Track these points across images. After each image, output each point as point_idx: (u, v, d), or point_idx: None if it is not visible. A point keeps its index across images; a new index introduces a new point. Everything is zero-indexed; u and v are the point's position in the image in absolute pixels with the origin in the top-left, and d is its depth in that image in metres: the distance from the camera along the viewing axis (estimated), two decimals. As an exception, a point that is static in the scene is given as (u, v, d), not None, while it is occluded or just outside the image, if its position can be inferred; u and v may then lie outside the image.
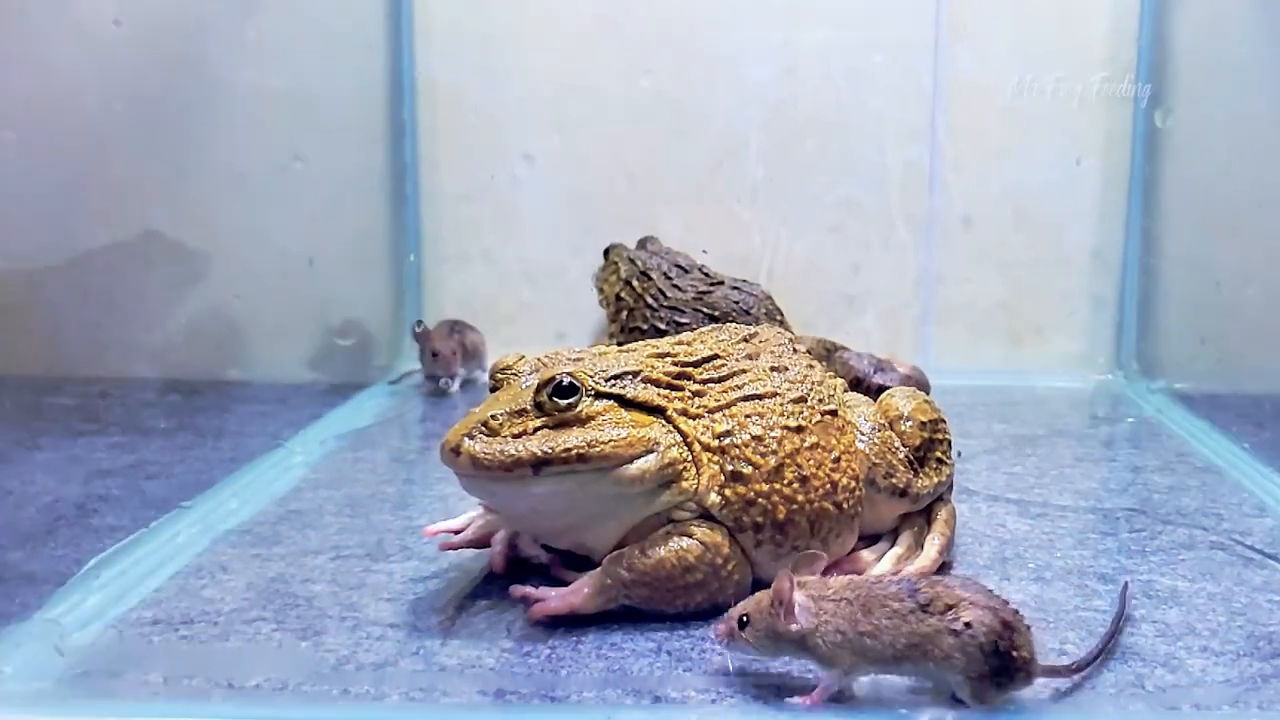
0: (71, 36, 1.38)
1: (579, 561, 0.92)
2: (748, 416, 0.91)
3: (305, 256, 1.64)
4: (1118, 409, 1.66)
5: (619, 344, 1.34)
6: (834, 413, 0.96)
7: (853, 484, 0.94)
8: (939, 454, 1.01)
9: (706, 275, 1.51)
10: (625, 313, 1.50)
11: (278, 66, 1.60)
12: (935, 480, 1.00)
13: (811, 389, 0.96)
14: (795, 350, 1.02)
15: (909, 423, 1.00)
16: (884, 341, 1.77)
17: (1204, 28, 1.71)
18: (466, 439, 0.86)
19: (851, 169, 1.79)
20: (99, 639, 0.86)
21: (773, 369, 0.96)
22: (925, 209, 1.79)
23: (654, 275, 1.50)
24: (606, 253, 1.63)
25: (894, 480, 0.97)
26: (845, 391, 1.04)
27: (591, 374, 0.89)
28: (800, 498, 0.90)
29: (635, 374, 0.91)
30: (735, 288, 1.45)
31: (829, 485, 0.92)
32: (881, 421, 1.00)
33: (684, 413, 0.90)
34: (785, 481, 0.90)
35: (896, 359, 1.55)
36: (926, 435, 1.00)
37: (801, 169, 1.79)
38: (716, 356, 0.96)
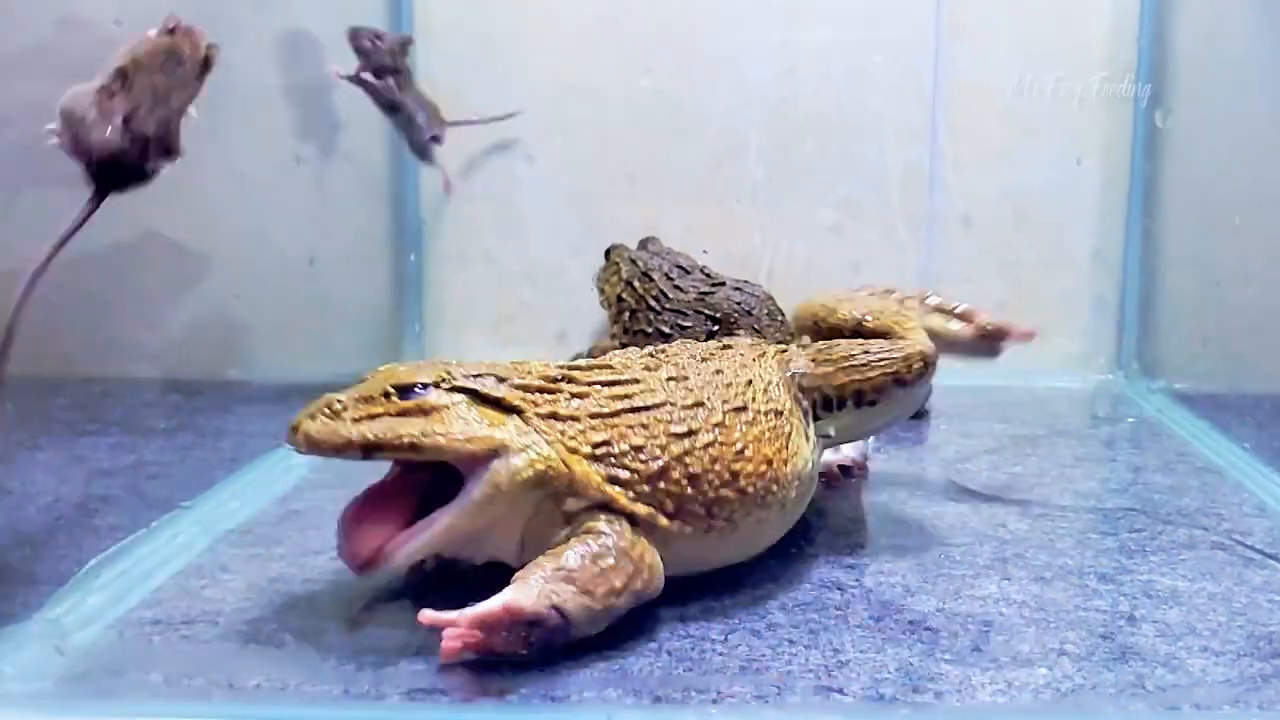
0: (72, 36, 1.38)
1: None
2: (630, 428, 0.89)
3: (305, 256, 1.64)
4: (1118, 409, 1.66)
5: (621, 345, 1.34)
6: (742, 409, 0.95)
7: (763, 468, 0.93)
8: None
9: (708, 276, 1.51)
10: (627, 314, 1.50)
11: (278, 66, 1.60)
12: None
13: (714, 393, 0.94)
14: (719, 356, 1.02)
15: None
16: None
17: (1204, 28, 1.71)
18: (308, 419, 0.85)
19: (851, 169, 1.79)
20: (99, 639, 0.86)
21: (670, 379, 0.95)
22: (925, 209, 1.79)
23: (655, 276, 1.50)
24: (608, 253, 1.63)
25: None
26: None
27: (451, 371, 0.88)
28: (690, 491, 0.89)
29: (502, 378, 0.89)
30: (737, 288, 1.45)
31: (727, 476, 0.91)
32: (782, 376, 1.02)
33: (553, 415, 0.88)
34: (672, 481, 0.89)
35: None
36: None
37: (801, 169, 1.79)
38: (610, 367, 0.96)
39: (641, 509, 0.87)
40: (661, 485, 0.88)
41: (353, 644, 0.84)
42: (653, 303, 1.47)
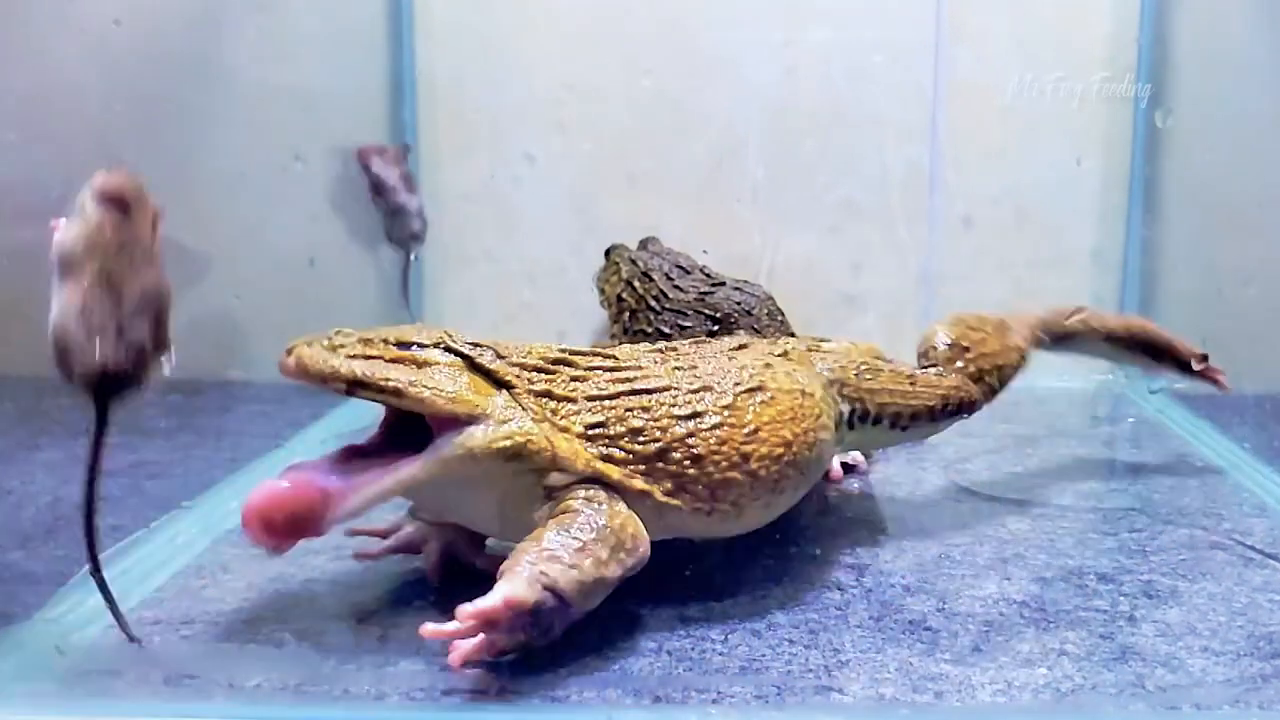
0: (72, 36, 1.38)
1: None
2: (629, 410, 0.89)
3: (305, 256, 1.64)
4: (1118, 409, 1.66)
5: (620, 345, 1.34)
6: (758, 389, 0.94)
7: (779, 450, 0.93)
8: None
9: (708, 276, 1.50)
10: (627, 314, 1.50)
11: (278, 66, 1.60)
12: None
13: (724, 377, 0.94)
14: (733, 349, 1.02)
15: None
16: (885, 342, 1.75)
17: (1204, 28, 1.71)
18: (304, 345, 0.85)
19: (851, 169, 1.79)
20: (99, 639, 0.86)
21: (676, 368, 0.95)
22: (925, 209, 1.79)
23: (655, 276, 1.50)
24: (608, 253, 1.63)
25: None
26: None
27: (453, 334, 0.89)
28: (692, 471, 0.89)
29: (501, 354, 0.89)
30: (737, 288, 1.45)
31: (736, 458, 0.91)
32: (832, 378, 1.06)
33: (546, 394, 0.88)
34: (673, 462, 0.89)
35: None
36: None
37: (801, 169, 1.79)
38: (614, 356, 0.95)
39: (637, 484, 0.87)
40: (660, 466, 0.88)
41: (353, 644, 0.84)
42: (653, 303, 1.47)
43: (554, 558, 0.80)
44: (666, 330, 1.41)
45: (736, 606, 0.91)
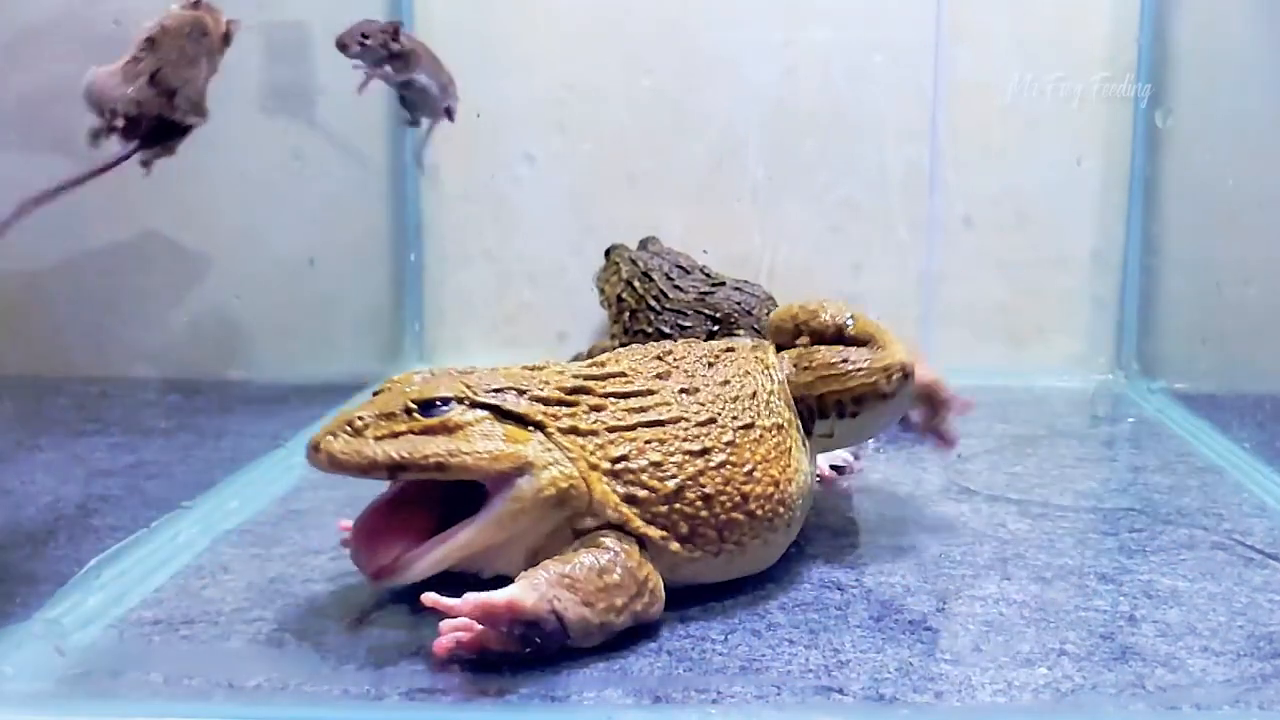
0: (71, 36, 1.38)
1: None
2: (647, 442, 0.89)
3: (305, 256, 1.64)
4: (1118, 409, 1.66)
5: (621, 345, 1.35)
6: (750, 426, 0.94)
7: (770, 489, 0.93)
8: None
9: (708, 276, 1.51)
10: (627, 314, 1.50)
11: (278, 65, 1.60)
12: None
13: (724, 408, 0.94)
14: (723, 361, 1.00)
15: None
16: (884, 341, 1.76)
17: (1204, 28, 1.71)
18: (329, 437, 0.84)
19: (851, 169, 1.79)
20: (99, 639, 0.86)
21: (682, 391, 0.94)
22: (925, 209, 1.79)
23: (655, 276, 1.50)
24: (608, 253, 1.63)
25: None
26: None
27: (472, 385, 0.88)
28: (704, 514, 0.89)
29: (521, 391, 0.89)
30: (737, 288, 1.45)
31: (738, 498, 0.91)
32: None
33: (573, 430, 0.88)
34: (687, 501, 0.89)
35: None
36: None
37: (801, 169, 1.79)
38: (624, 374, 0.95)
39: (655, 532, 0.87)
40: (677, 507, 0.88)
41: (353, 644, 0.84)
42: (653, 303, 1.47)
43: (572, 587, 0.81)
44: (666, 330, 1.41)
45: (736, 606, 0.91)
